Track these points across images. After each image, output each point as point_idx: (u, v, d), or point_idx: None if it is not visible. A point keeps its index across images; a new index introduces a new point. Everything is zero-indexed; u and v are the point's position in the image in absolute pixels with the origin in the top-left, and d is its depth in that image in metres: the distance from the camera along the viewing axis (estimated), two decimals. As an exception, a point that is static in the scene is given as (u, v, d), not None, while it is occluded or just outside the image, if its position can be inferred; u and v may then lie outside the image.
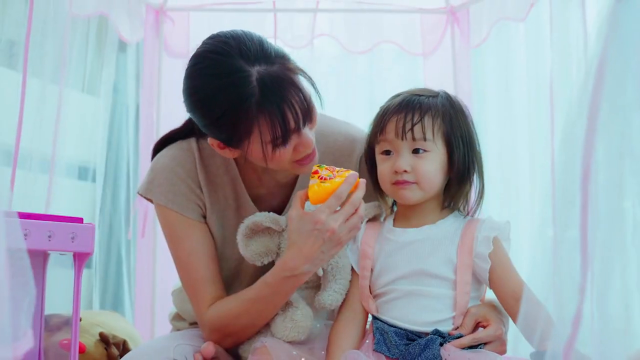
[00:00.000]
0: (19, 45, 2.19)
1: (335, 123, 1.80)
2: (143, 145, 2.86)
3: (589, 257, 0.97)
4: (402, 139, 1.50)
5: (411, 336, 1.47)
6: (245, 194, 1.73)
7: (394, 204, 1.63)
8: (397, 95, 1.58)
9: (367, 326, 1.59)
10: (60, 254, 1.63)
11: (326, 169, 1.51)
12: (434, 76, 2.90)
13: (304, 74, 1.55)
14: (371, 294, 1.56)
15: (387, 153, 1.53)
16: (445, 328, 1.48)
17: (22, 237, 0.97)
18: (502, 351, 1.49)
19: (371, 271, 1.57)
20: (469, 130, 1.55)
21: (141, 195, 1.74)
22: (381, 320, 1.51)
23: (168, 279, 2.58)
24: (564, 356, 0.95)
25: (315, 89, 1.57)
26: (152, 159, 1.78)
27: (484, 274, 1.49)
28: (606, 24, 1.02)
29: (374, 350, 1.48)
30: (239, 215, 1.72)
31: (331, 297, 1.56)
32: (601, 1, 1.07)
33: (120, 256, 2.97)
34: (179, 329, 1.90)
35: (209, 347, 1.61)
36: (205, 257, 1.68)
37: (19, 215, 1.20)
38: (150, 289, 2.79)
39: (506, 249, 1.53)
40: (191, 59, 1.57)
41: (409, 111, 1.51)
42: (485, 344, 1.48)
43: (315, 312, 1.61)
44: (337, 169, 1.51)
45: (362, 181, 1.51)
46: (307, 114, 1.53)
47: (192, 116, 1.59)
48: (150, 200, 1.73)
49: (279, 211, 1.73)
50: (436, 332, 1.46)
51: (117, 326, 2.23)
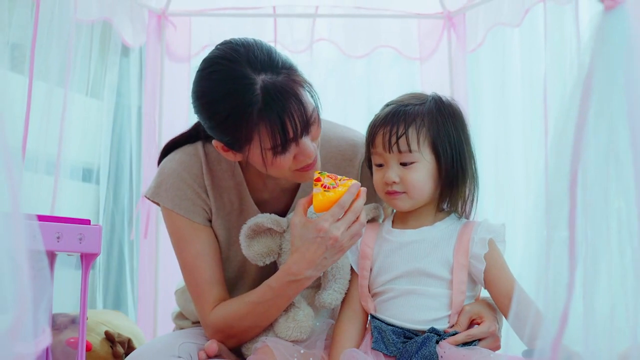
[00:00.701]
0: (25, 49, 2.23)
1: (339, 128, 1.83)
2: (145, 147, 2.87)
3: (577, 256, 1.01)
4: (389, 152, 1.53)
5: (408, 334, 1.50)
6: (250, 199, 1.76)
7: None
8: (387, 105, 1.60)
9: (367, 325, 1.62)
10: (68, 254, 1.67)
11: (328, 176, 1.54)
12: (430, 80, 2.92)
13: (309, 87, 1.58)
14: (370, 293, 1.59)
15: (380, 165, 1.57)
16: (442, 326, 1.51)
17: (40, 239, 1.01)
18: (496, 347, 1.52)
19: (370, 271, 1.60)
20: (458, 134, 1.57)
21: (148, 199, 1.76)
22: (379, 319, 1.54)
23: (170, 279, 2.61)
24: (551, 352, 0.99)
25: (315, 102, 1.59)
26: (159, 162, 1.81)
27: (479, 275, 1.52)
28: (594, 35, 1.05)
29: (372, 348, 1.51)
30: (243, 218, 1.74)
31: (331, 296, 1.59)
32: (593, 10, 1.11)
33: (123, 257, 2.97)
34: (182, 328, 1.92)
35: (213, 345, 1.64)
36: (210, 260, 1.71)
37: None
38: (152, 289, 2.80)
39: (501, 250, 1.56)
40: (202, 62, 1.60)
41: (394, 124, 1.53)
42: (479, 340, 1.51)
43: (316, 311, 1.63)
44: (339, 177, 1.54)
45: (364, 190, 1.54)
46: (307, 125, 1.55)
47: (198, 118, 1.63)
48: (157, 204, 1.76)
49: (281, 215, 1.75)
50: (432, 331, 1.49)
51: (122, 325, 2.26)
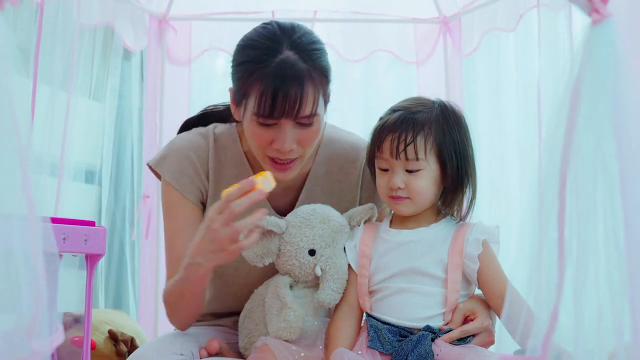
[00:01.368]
0: (29, 53, 2.26)
1: (342, 132, 1.88)
2: (146, 149, 2.90)
3: (566, 259, 1.06)
4: (396, 159, 1.56)
5: (404, 333, 1.53)
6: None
7: None
8: (394, 110, 1.62)
9: (362, 323, 1.64)
10: (73, 255, 1.71)
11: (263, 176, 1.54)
12: (427, 84, 2.96)
13: (322, 94, 1.62)
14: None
15: (385, 169, 1.60)
16: (436, 324, 1.53)
17: (54, 241, 1.05)
18: (490, 342, 1.56)
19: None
20: (462, 140, 1.60)
21: (150, 167, 1.81)
22: (375, 318, 1.57)
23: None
24: (542, 350, 1.04)
25: (318, 109, 1.62)
26: (178, 132, 1.89)
27: (472, 274, 1.56)
28: (582, 47, 1.10)
29: (368, 347, 1.53)
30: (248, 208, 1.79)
31: (329, 295, 1.61)
32: (584, 19, 1.15)
33: (124, 257, 3.01)
34: None
35: (213, 343, 1.67)
36: (187, 238, 1.71)
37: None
38: (153, 289, 2.81)
39: (495, 251, 1.59)
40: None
41: (402, 131, 1.55)
42: (473, 335, 1.54)
43: (314, 310, 1.65)
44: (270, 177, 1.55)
45: (259, 191, 1.52)
46: (293, 111, 1.58)
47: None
48: (157, 174, 1.81)
49: (283, 213, 1.78)
50: (427, 329, 1.52)
51: (124, 324, 2.29)
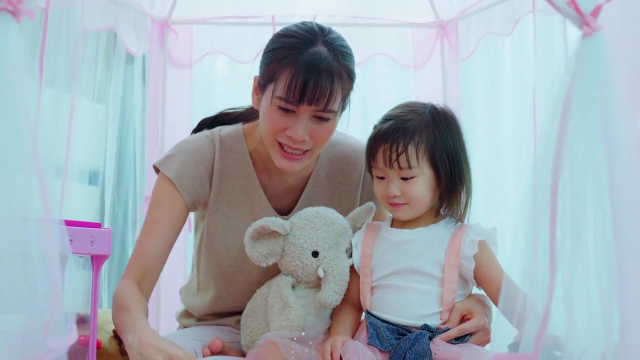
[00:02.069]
0: (34, 57, 2.30)
1: (344, 136, 1.91)
2: (149, 151, 2.92)
3: (557, 260, 1.10)
4: (390, 168, 1.61)
5: (402, 331, 1.57)
6: (260, 189, 1.83)
7: None
8: (386, 119, 1.66)
9: (362, 317, 1.69)
10: (79, 256, 1.75)
11: None
12: (424, 87, 2.98)
13: (345, 94, 1.67)
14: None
15: (381, 177, 1.65)
16: (434, 322, 1.57)
17: (68, 244, 1.09)
18: (487, 340, 1.59)
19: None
20: (454, 144, 1.63)
21: (155, 168, 1.83)
22: (374, 316, 1.61)
23: (172, 279, 2.67)
24: (534, 346, 1.09)
25: (339, 107, 1.67)
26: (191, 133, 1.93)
27: (469, 274, 1.60)
28: (573, 59, 1.14)
29: (367, 344, 1.56)
30: (245, 209, 1.82)
31: (331, 296, 1.64)
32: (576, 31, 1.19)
33: (126, 257, 3.00)
34: (185, 326, 1.99)
35: (217, 342, 1.70)
36: (163, 235, 1.75)
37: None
38: (155, 289, 2.77)
39: (493, 252, 1.63)
40: None
41: (394, 141, 1.60)
42: (471, 334, 1.57)
43: (315, 310, 1.69)
44: None
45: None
46: (319, 100, 1.62)
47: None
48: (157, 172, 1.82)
49: (284, 213, 1.83)
50: (425, 327, 1.56)
51: (128, 323, 2.32)
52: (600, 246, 1.10)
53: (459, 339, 1.56)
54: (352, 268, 1.70)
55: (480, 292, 1.66)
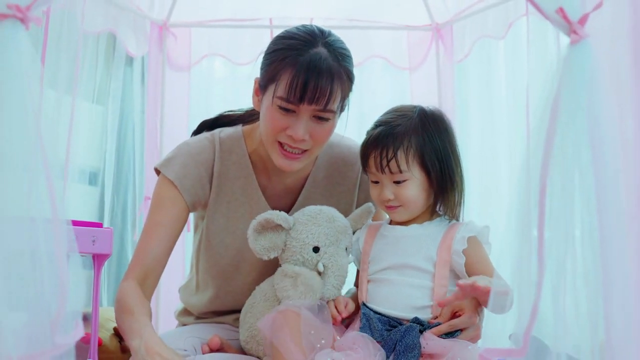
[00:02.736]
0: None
1: (342, 138, 1.93)
2: (148, 151, 2.94)
3: (545, 259, 1.14)
4: (382, 173, 1.65)
5: (393, 323, 1.61)
6: (258, 190, 1.85)
7: None
8: (377, 125, 1.70)
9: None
10: (82, 255, 1.78)
11: None
12: (419, 89, 3.01)
13: (344, 95, 1.70)
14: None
15: (375, 181, 1.69)
16: (425, 316, 1.61)
17: (75, 243, 1.12)
18: (477, 336, 1.62)
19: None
20: (444, 145, 1.67)
21: (157, 170, 1.84)
22: (368, 307, 1.65)
23: (171, 278, 2.67)
24: (523, 342, 1.13)
25: (338, 107, 1.70)
26: (191, 135, 1.96)
27: (461, 269, 1.63)
28: (561, 65, 1.18)
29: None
30: (244, 209, 1.84)
31: (329, 291, 1.68)
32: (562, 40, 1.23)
33: (126, 256, 3.05)
34: (184, 324, 2.01)
35: (215, 339, 1.73)
36: (165, 236, 1.77)
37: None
38: None
39: (486, 251, 1.67)
40: None
41: (383, 147, 1.64)
42: (461, 330, 1.60)
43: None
44: None
45: None
46: (319, 101, 1.64)
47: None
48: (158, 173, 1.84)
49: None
50: (416, 320, 1.59)
51: (128, 321, 2.34)
52: (587, 245, 1.14)
53: (450, 334, 1.59)
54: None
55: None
